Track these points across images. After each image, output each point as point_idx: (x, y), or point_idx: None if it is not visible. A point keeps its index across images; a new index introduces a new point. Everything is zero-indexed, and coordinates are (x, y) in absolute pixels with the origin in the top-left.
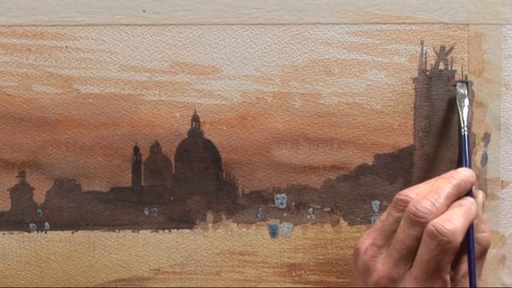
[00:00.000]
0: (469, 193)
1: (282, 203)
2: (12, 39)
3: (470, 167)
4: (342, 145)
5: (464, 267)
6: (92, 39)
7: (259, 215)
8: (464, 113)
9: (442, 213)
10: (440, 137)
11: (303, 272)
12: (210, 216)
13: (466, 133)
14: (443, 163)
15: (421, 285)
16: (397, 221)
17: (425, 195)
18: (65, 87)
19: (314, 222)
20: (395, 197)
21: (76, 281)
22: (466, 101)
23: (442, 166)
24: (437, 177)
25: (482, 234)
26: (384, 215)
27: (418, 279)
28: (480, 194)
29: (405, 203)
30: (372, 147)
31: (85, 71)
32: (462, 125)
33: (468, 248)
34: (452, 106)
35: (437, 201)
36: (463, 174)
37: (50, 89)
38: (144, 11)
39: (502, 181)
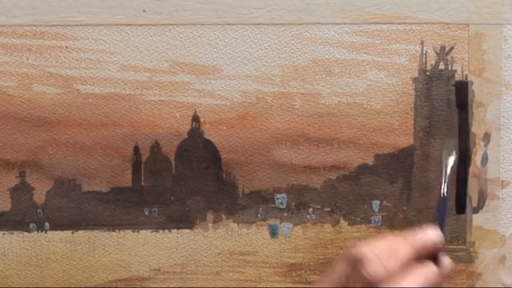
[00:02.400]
0: (436, 256)
1: (282, 203)
2: (12, 39)
3: (442, 229)
4: (342, 145)
5: None
6: (92, 39)
7: (259, 215)
8: (448, 171)
9: (396, 274)
10: (440, 137)
11: (303, 272)
12: (210, 216)
13: (445, 194)
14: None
15: None
16: (346, 273)
17: (381, 257)
18: (65, 87)
19: (314, 222)
20: (347, 251)
21: (76, 281)
22: (451, 159)
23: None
24: (400, 236)
25: None
26: (334, 267)
27: None
28: (446, 261)
29: (359, 261)
30: (372, 147)
31: (85, 71)
32: (443, 185)
33: None
34: (452, 105)
35: (392, 267)
36: (430, 239)
37: (50, 89)
38: (144, 11)
39: (502, 181)
